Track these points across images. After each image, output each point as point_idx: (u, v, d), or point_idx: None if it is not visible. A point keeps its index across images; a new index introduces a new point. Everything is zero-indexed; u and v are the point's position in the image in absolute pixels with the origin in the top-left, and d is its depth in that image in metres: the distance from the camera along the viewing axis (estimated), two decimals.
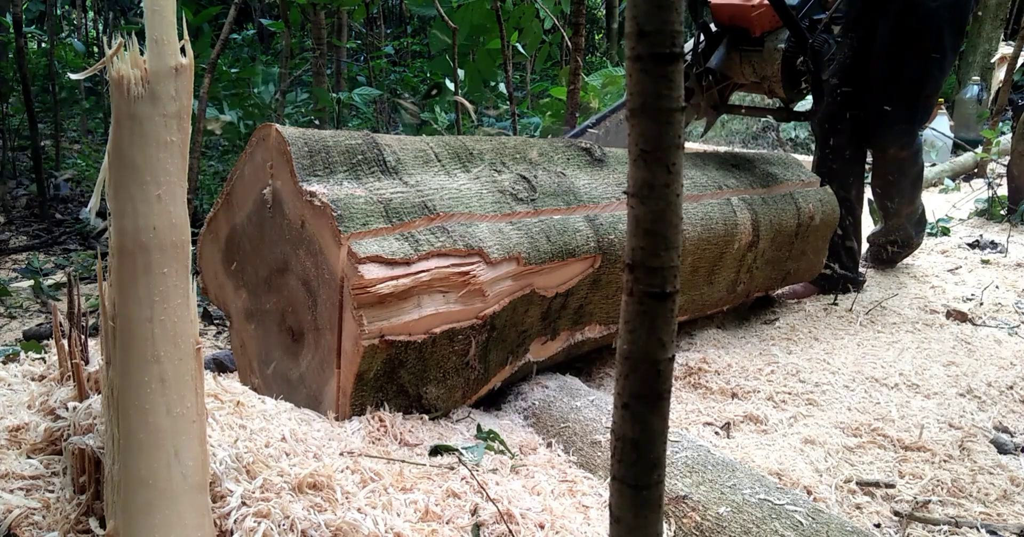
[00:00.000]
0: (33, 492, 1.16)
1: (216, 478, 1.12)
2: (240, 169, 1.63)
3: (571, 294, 1.87)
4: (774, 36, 2.56)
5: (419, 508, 1.23)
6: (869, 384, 2.11)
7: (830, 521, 1.28)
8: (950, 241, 3.82)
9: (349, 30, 6.65)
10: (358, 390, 1.50)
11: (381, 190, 1.57)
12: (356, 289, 1.42)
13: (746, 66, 2.66)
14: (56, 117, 5.24)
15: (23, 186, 5.15)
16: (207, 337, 2.63)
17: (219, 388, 1.34)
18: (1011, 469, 1.70)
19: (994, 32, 8.23)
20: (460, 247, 1.58)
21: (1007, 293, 3.02)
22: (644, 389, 0.69)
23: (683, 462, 1.44)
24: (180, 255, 0.98)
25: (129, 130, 0.94)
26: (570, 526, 1.27)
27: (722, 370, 2.15)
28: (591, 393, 1.80)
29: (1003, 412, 2.00)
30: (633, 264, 0.67)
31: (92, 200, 1.01)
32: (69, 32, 9.39)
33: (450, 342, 1.60)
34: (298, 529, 1.09)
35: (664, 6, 0.62)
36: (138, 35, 0.96)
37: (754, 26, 2.55)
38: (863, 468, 1.68)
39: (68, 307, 1.32)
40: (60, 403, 1.29)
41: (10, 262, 3.64)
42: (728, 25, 2.58)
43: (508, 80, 3.69)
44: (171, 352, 0.97)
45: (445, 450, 1.45)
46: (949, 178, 5.51)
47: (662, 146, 0.64)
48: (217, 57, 3.41)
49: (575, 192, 1.94)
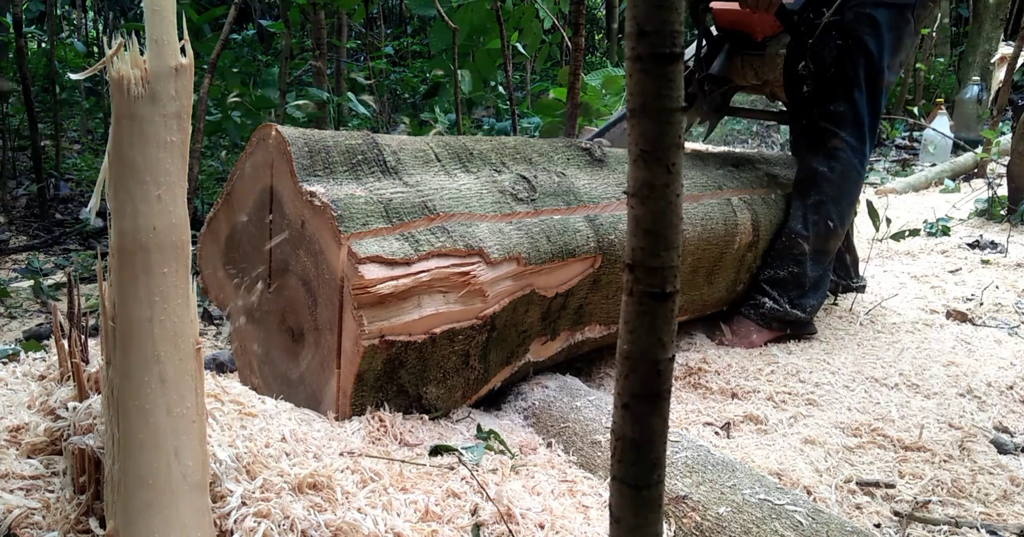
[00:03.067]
0: (33, 492, 1.16)
1: (216, 478, 1.12)
2: (240, 169, 1.63)
3: (571, 294, 1.87)
4: (776, 40, 2.55)
5: (419, 508, 1.23)
6: (869, 384, 2.11)
7: (830, 521, 1.28)
8: (950, 241, 3.82)
9: (349, 30, 6.65)
10: (358, 390, 1.50)
11: (381, 190, 1.57)
12: (356, 289, 1.42)
13: (748, 70, 2.65)
14: (56, 117, 5.23)
15: (23, 186, 5.15)
16: (207, 337, 2.63)
17: (219, 388, 1.34)
18: (1011, 469, 1.70)
19: (994, 32, 8.23)
20: (460, 247, 1.58)
21: (1007, 293, 3.02)
22: (644, 389, 0.69)
23: (683, 462, 1.44)
24: (180, 255, 0.98)
25: (129, 130, 0.94)
26: (570, 526, 1.27)
27: (722, 370, 2.16)
28: (591, 393, 1.80)
29: (1003, 412, 2.00)
30: (633, 264, 0.67)
31: (92, 200, 1.01)
32: (69, 32, 9.39)
33: (450, 342, 1.60)
34: (298, 529, 1.09)
35: (664, 6, 0.62)
36: (138, 35, 0.96)
37: (756, 31, 2.55)
38: (863, 468, 1.68)
39: (68, 307, 1.32)
40: (60, 403, 1.29)
41: (10, 262, 3.64)
42: (729, 30, 2.58)
43: (508, 80, 3.69)
44: (171, 352, 0.97)
45: (445, 450, 1.45)
46: (949, 178, 5.51)
47: (662, 146, 0.64)
48: (217, 57, 3.41)
49: (575, 192, 1.94)
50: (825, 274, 2.56)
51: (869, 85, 2.52)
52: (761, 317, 2.45)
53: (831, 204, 2.50)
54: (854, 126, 2.51)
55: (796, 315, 2.44)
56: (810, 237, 2.48)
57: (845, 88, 2.51)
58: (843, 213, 2.53)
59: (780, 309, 2.43)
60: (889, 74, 2.59)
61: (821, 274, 2.53)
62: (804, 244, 2.48)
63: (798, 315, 2.44)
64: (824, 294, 2.58)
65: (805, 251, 2.48)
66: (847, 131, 2.50)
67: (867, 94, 2.52)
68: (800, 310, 2.45)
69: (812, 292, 2.51)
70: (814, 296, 2.51)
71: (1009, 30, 8.68)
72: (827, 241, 2.51)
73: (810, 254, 2.49)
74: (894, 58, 2.59)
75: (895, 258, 3.62)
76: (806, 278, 2.48)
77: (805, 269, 2.48)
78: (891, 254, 3.68)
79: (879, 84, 2.53)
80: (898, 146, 7.43)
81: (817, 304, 2.53)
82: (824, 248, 2.52)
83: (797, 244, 2.49)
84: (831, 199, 2.50)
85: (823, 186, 2.51)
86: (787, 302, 2.45)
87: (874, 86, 2.53)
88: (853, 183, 2.54)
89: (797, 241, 2.49)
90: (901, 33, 2.56)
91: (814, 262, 2.50)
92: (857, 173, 2.53)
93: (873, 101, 2.53)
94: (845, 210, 2.54)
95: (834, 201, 2.50)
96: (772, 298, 2.46)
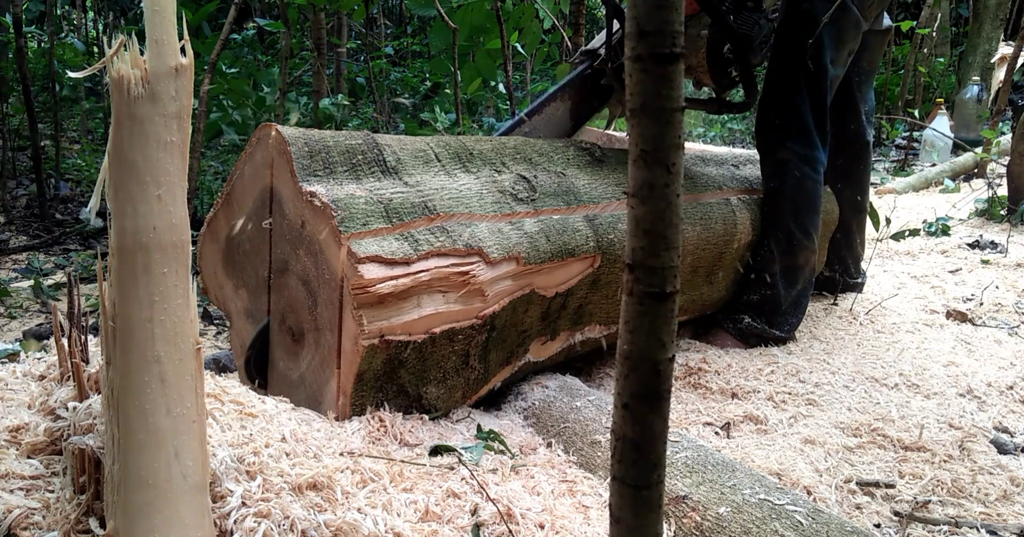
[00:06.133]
0: (33, 492, 1.16)
1: (216, 478, 1.12)
2: (240, 169, 1.63)
3: (571, 294, 1.87)
4: (696, 21, 2.31)
5: (419, 508, 1.23)
6: (869, 384, 2.11)
7: (830, 521, 1.28)
8: (950, 241, 3.82)
9: (349, 30, 6.65)
10: (358, 390, 1.50)
11: (381, 190, 1.57)
12: (356, 289, 1.42)
13: None
14: (56, 117, 5.23)
15: (23, 186, 5.15)
16: (207, 337, 2.63)
17: (219, 388, 1.34)
18: (1011, 469, 1.70)
19: (994, 32, 8.23)
20: (460, 247, 1.58)
21: (1007, 293, 3.02)
22: (644, 389, 0.69)
23: (683, 462, 1.44)
24: (180, 255, 0.98)
25: (129, 130, 0.94)
26: (570, 526, 1.27)
27: (722, 370, 2.16)
28: (591, 393, 1.80)
29: (1003, 412, 2.00)
30: (633, 264, 0.67)
31: (92, 200, 1.01)
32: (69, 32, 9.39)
33: (450, 342, 1.60)
34: (298, 529, 1.09)
35: (664, 6, 0.62)
36: (138, 35, 0.96)
37: None
38: (863, 468, 1.68)
39: (68, 307, 1.32)
40: (60, 403, 1.29)
41: (10, 262, 3.64)
42: None
43: (508, 80, 3.69)
44: (171, 352, 0.97)
45: (445, 450, 1.45)
46: (949, 178, 5.51)
47: (662, 146, 0.64)
48: (217, 57, 3.41)
49: (575, 192, 1.94)
50: (804, 289, 2.50)
51: (811, 88, 2.40)
52: (739, 332, 2.42)
53: (790, 219, 2.43)
54: (799, 133, 2.41)
55: (774, 334, 2.42)
56: (775, 256, 2.43)
57: (785, 96, 2.39)
58: (804, 225, 2.44)
59: (758, 327, 2.41)
60: (834, 69, 2.44)
61: (800, 291, 2.48)
62: (772, 264, 2.44)
63: (776, 334, 2.42)
64: (804, 310, 2.53)
65: (775, 271, 2.44)
66: (793, 141, 2.41)
67: (809, 98, 2.40)
68: (778, 329, 2.43)
69: (792, 309, 2.47)
70: (794, 313, 2.47)
71: (1009, 30, 8.68)
72: (795, 257, 2.45)
73: (780, 273, 2.44)
74: (839, 52, 2.44)
75: (895, 258, 3.62)
76: (780, 298, 2.44)
77: (778, 290, 2.43)
78: (891, 254, 3.68)
79: (822, 84, 2.40)
80: (898, 146, 7.43)
81: (796, 321, 2.49)
82: (794, 264, 2.46)
83: (766, 265, 2.44)
84: (788, 214, 2.43)
85: (779, 203, 2.44)
86: (765, 322, 2.42)
87: (817, 88, 2.40)
88: (809, 193, 2.44)
89: (765, 263, 2.45)
90: (842, 24, 2.39)
91: (786, 280, 2.45)
92: (812, 181, 2.44)
93: (817, 103, 2.42)
94: (806, 221, 2.44)
95: (793, 215, 2.42)
96: (750, 316, 2.42)
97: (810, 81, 2.39)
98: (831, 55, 2.40)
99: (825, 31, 2.31)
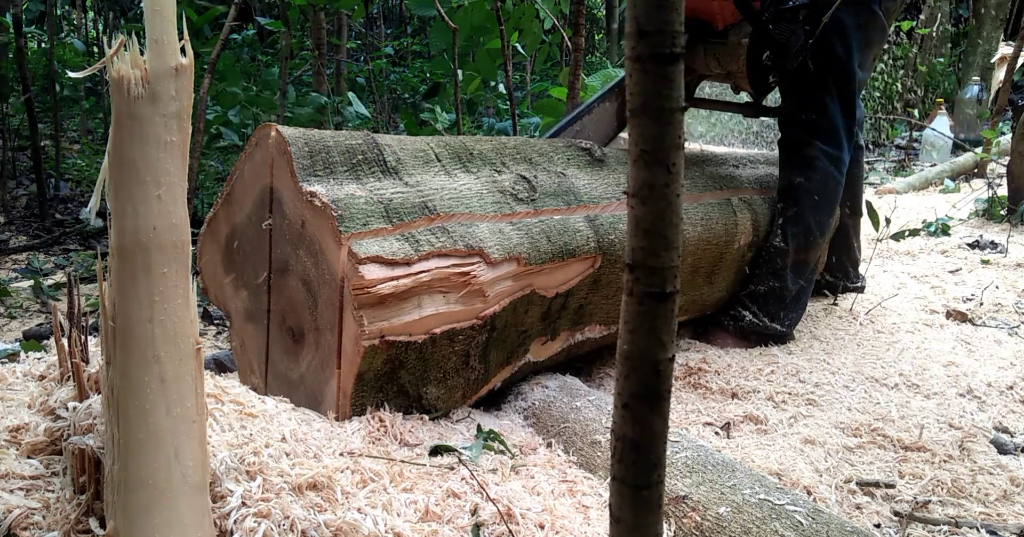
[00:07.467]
0: (33, 492, 1.16)
1: (216, 478, 1.12)
2: (240, 169, 1.63)
3: (571, 294, 1.87)
4: (738, 29, 2.44)
5: (419, 508, 1.23)
6: (869, 384, 2.11)
7: (830, 521, 1.28)
8: (950, 241, 3.82)
9: (349, 30, 6.65)
10: (358, 390, 1.50)
11: (381, 190, 1.57)
12: (356, 289, 1.42)
13: (711, 60, 2.54)
14: (56, 117, 5.24)
15: (23, 186, 5.15)
16: (207, 337, 2.63)
17: (219, 388, 1.34)
18: (1011, 469, 1.70)
19: (994, 32, 8.23)
20: (460, 247, 1.58)
21: (1007, 293, 3.02)
22: (644, 389, 0.69)
23: (683, 462, 1.44)
24: (180, 255, 0.98)
25: (129, 130, 0.94)
26: (570, 526, 1.27)
27: (722, 370, 2.16)
28: (591, 393, 1.80)
29: (1003, 412, 2.00)
30: (633, 264, 0.67)
31: (92, 200, 1.01)
32: (69, 32, 9.39)
33: (450, 342, 1.60)
34: (298, 529, 1.09)
35: (664, 6, 0.62)
36: (138, 35, 0.96)
37: (716, 19, 2.46)
38: (863, 468, 1.68)
39: (68, 307, 1.32)
40: (60, 403, 1.29)
41: (10, 262, 3.64)
42: (690, 18, 2.47)
43: (508, 80, 3.69)
44: (171, 352, 0.97)
45: (445, 450, 1.45)
46: (949, 178, 5.51)
47: (662, 146, 0.64)
48: (217, 57, 3.41)
49: (575, 192, 1.94)
50: (807, 285, 2.54)
51: (840, 90, 2.47)
52: (740, 330, 2.44)
53: (810, 215, 2.47)
54: (828, 133, 2.47)
55: (775, 329, 2.43)
56: (790, 249, 2.46)
57: (816, 96, 2.46)
58: (822, 223, 2.51)
59: (759, 323, 2.42)
60: (862, 72, 2.53)
61: (803, 286, 2.51)
62: (785, 257, 2.46)
63: (777, 329, 2.43)
64: (804, 306, 2.56)
65: (786, 264, 2.46)
66: (821, 139, 2.46)
67: (839, 99, 2.48)
68: (779, 324, 2.44)
69: (793, 304, 2.49)
70: (795, 309, 2.50)
71: (1009, 30, 8.68)
72: (807, 252, 2.49)
73: (791, 266, 2.47)
74: (865, 56, 2.54)
75: (895, 258, 3.62)
76: (787, 291, 2.46)
77: (786, 282, 2.46)
78: (891, 254, 3.68)
79: (850, 86, 2.49)
80: (898, 146, 7.43)
81: (797, 317, 2.51)
82: (804, 259, 2.50)
83: (778, 257, 2.47)
84: (809, 210, 2.47)
85: (801, 197, 2.48)
86: (767, 316, 2.43)
87: (845, 89, 2.48)
88: (831, 192, 2.51)
89: (777, 255, 2.47)
90: (869, 30, 2.50)
91: (795, 274, 2.48)
92: (835, 181, 2.50)
93: (846, 104, 2.49)
94: (824, 220, 2.51)
95: (813, 211, 2.47)
96: (752, 312, 2.44)
97: (840, 84, 2.47)
98: (859, 59, 2.49)
99: (852, 38, 2.41)
